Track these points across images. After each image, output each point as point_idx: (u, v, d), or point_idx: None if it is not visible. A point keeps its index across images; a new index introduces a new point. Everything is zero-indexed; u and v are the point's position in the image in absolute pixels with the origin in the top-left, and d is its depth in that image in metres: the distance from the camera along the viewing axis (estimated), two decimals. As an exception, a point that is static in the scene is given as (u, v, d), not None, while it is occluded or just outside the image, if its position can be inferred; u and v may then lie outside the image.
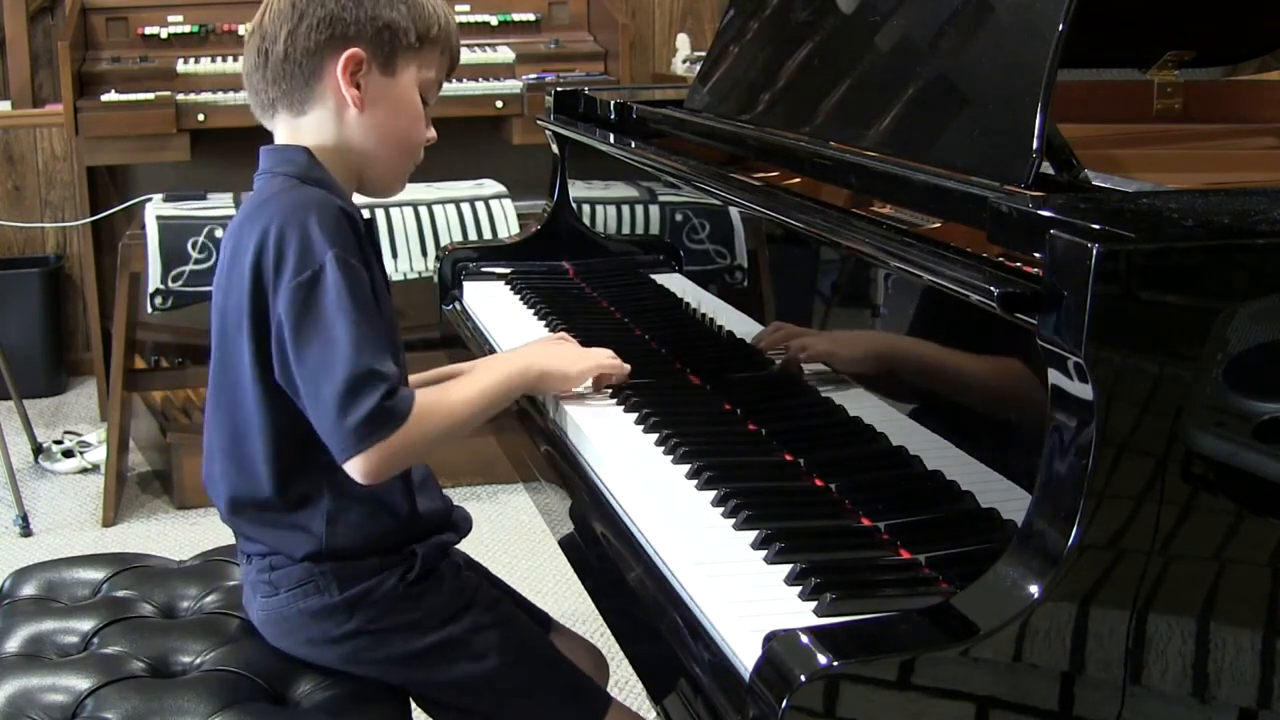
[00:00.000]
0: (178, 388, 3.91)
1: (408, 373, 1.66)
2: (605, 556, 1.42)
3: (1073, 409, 1.03)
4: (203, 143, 4.11)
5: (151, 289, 3.36)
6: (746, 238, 1.74)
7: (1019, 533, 1.06)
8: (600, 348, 1.74)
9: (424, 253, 3.49)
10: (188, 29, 4.37)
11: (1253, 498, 1.06)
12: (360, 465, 1.43)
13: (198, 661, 1.59)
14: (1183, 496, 1.04)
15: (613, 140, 2.13)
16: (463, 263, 2.40)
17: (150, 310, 3.41)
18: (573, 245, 2.39)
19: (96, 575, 1.80)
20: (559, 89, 2.45)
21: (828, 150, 1.54)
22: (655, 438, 1.57)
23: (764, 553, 1.26)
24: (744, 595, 1.19)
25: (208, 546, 1.90)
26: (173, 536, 3.46)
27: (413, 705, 1.62)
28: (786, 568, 1.22)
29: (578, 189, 2.39)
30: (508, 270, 2.40)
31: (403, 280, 3.47)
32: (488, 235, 3.55)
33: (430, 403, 1.48)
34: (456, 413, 1.52)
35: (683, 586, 1.26)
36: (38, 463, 3.94)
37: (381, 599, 1.54)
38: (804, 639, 1.02)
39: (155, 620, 1.70)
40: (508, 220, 3.57)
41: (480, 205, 3.58)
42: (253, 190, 1.57)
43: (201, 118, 4.05)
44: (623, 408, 1.67)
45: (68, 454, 3.97)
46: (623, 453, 1.55)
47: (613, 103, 2.22)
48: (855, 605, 1.14)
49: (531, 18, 4.60)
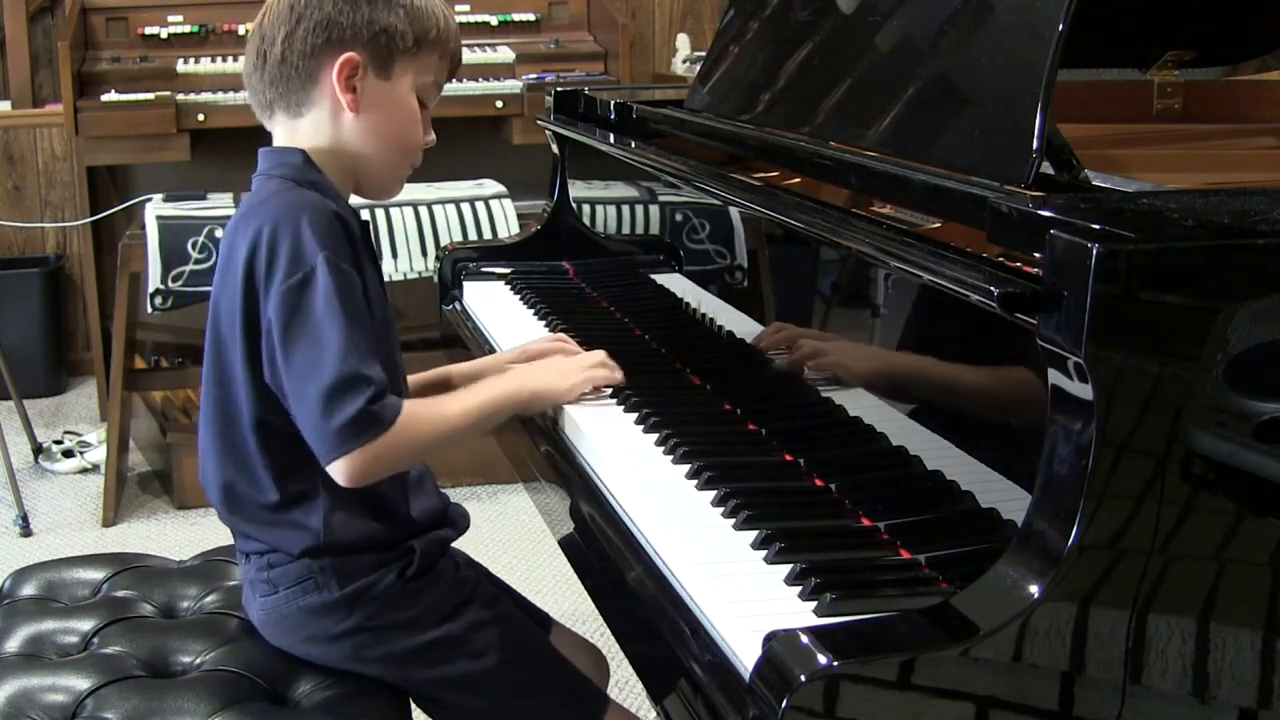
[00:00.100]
0: (178, 388, 3.91)
1: (406, 374, 1.67)
2: (605, 556, 1.42)
3: (1073, 409, 1.03)
4: (203, 143, 4.11)
5: (151, 289, 3.36)
6: (746, 238, 1.74)
7: (1019, 533, 1.06)
8: (593, 353, 1.74)
9: (424, 253, 3.49)
10: (188, 29, 4.37)
11: (1253, 498, 1.06)
12: (343, 468, 1.44)
13: (198, 661, 1.59)
14: (1183, 496, 1.04)
15: (613, 140, 2.13)
16: (463, 263, 2.40)
17: (150, 310, 3.41)
18: (573, 245, 2.39)
19: (96, 575, 1.80)
20: (559, 89, 2.45)
21: (828, 150, 1.54)
22: (655, 438, 1.57)
23: (764, 553, 1.26)
24: (744, 595, 1.19)
25: (208, 546, 1.90)
26: (173, 536, 3.46)
27: (412, 706, 1.62)
28: (786, 568, 1.22)
29: (578, 189, 2.39)
30: (508, 270, 2.40)
31: (403, 280, 3.48)
32: (488, 235, 3.54)
33: (417, 412, 1.48)
34: (442, 426, 1.52)
35: (683, 586, 1.26)
36: (38, 463, 3.94)
37: (380, 595, 1.54)
38: (804, 639, 1.02)
39: (155, 620, 1.70)
40: (508, 220, 3.57)
41: (480, 205, 3.58)
42: (250, 190, 1.58)
43: (201, 118, 4.05)
44: (623, 408, 1.67)
45: (68, 454, 3.97)
46: (623, 453, 1.55)
47: (613, 103, 2.22)
48: (855, 605, 1.14)
49: (531, 18, 4.60)
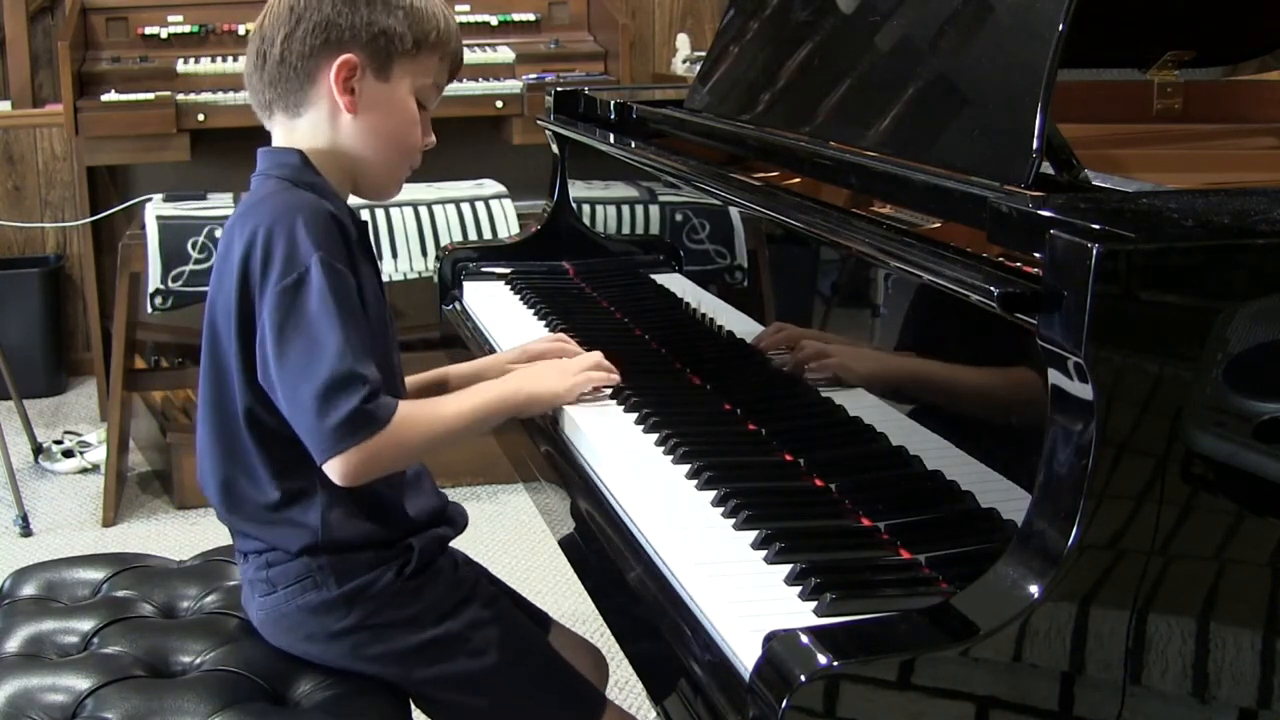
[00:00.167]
0: (178, 388, 3.91)
1: (404, 375, 1.67)
2: (605, 556, 1.42)
3: (1073, 409, 1.03)
4: (203, 143, 4.11)
5: (151, 289, 3.36)
6: (746, 238, 1.74)
7: (1019, 533, 1.06)
8: (590, 354, 1.74)
9: (424, 253, 3.49)
10: (188, 29, 4.37)
11: (1253, 498, 1.06)
12: (339, 467, 1.44)
13: (197, 661, 1.59)
14: (1183, 496, 1.04)
15: (613, 140, 2.13)
16: (463, 263, 2.40)
17: (150, 310, 3.41)
18: (573, 245, 2.39)
19: (96, 575, 1.80)
20: (559, 89, 2.45)
21: (828, 150, 1.54)
22: (655, 438, 1.57)
23: (764, 553, 1.26)
24: (744, 595, 1.19)
25: (208, 546, 1.90)
26: (173, 536, 3.46)
27: (412, 706, 1.62)
28: (786, 568, 1.22)
29: (578, 189, 2.39)
30: (508, 270, 2.40)
31: (403, 280, 3.48)
32: (488, 235, 3.54)
33: (413, 412, 1.48)
34: (438, 426, 1.52)
35: (683, 586, 1.26)
36: (38, 463, 3.94)
37: (380, 593, 1.54)
38: (804, 639, 1.02)
39: (155, 620, 1.70)
40: (508, 220, 3.57)
41: (480, 205, 3.58)
42: (249, 190, 1.58)
43: (201, 118, 4.05)
44: (623, 408, 1.67)
45: (68, 454, 3.97)
46: (623, 453, 1.55)
47: (613, 103, 2.22)
48: (855, 605, 1.14)
49: (531, 18, 4.60)
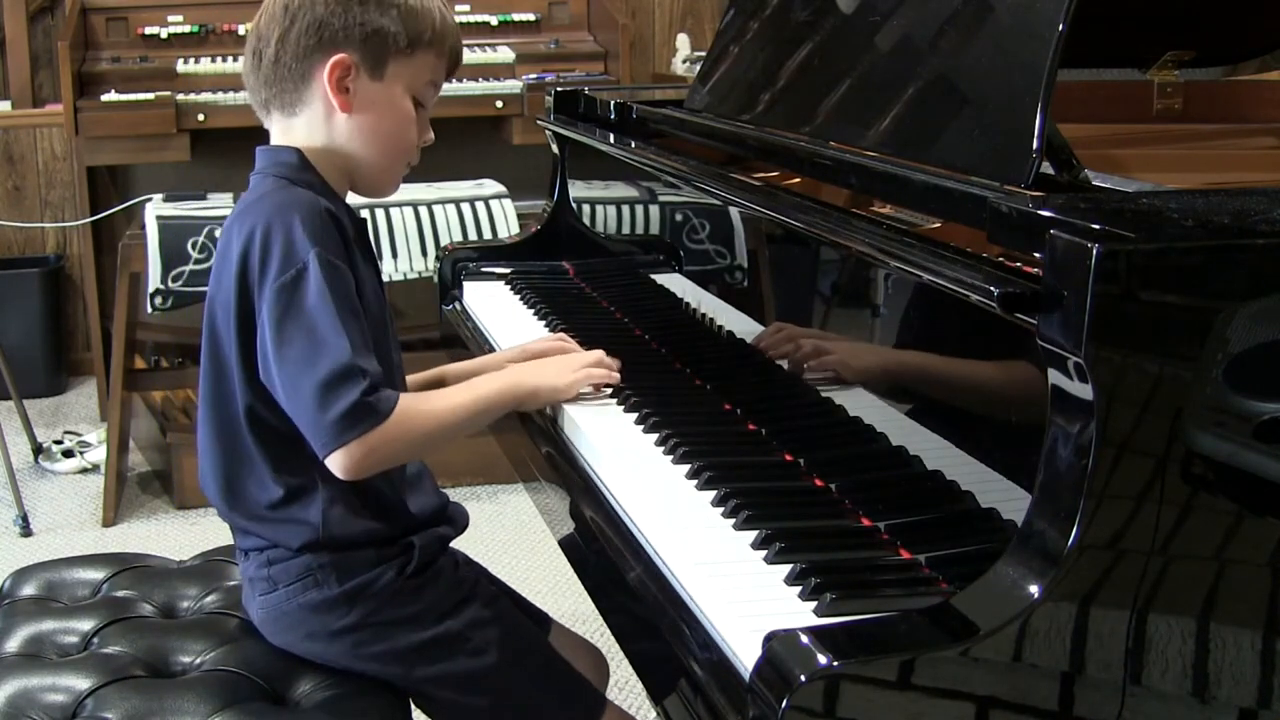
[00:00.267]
0: (178, 388, 3.91)
1: (404, 372, 1.67)
2: (605, 556, 1.42)
3: (1073, 409, 1.03)
4: (203, 143, 4.11)
5: (151, 289, 3.36)
6: (746, 238, 1.74)
7: (1019, 533, 1.06)
8: (591, 351, 1.74)
9: (424, 253, 3.49)
10: (188, 29, 4.37)
11: (1253, 498, 1.06)
12: (341, 460, 1.45)
13: (197, 661, 1.59)
14: (1183, 496, 1.04)
15: (613, 140, 2.13)
16: (463, 263, 2.40)
17: (150, 310, 3.41)
18: (573, 245, 2.39)
19: (96, 575, 1.80)
20: (559, 89, 2.45)
21: (828, 150, 1.54)
22: (655, 438, 1.57)
23: (764, 553, 1.26)
24: (744, 595, 1.19)
25: (208, 546, 1.90)
26: (173, 536, 3.46)
27: (412, 706, 1.62)
28: (786, 568, 1.22)
29: (578, 189, 2.39)
30: (508, 270, 2.40)
31: (403, 280, 3.48)
32: (488, 235, 3.54)
33: (413, 405, 1.49)
34: (439, 419, 1.53)
35: (683, 586, 1.26)
36: (38, 463, 3.94)
37: (381, 592, 1.55)
38: (804, 639, 1.02)
39: (155, 620, 1.70)
40: (508, 220, 3.57)
41: (480, 205, 3.58)
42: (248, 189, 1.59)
43: (201, 118, 4.05)
44: (623, 408, 1.67)
45: (68, 454, 3.97)
46: (623, 453, 1.55)
47: (613, 103, 2.22)
48: (855, 605, 1.14)
49: (531, 18, 4.60)
